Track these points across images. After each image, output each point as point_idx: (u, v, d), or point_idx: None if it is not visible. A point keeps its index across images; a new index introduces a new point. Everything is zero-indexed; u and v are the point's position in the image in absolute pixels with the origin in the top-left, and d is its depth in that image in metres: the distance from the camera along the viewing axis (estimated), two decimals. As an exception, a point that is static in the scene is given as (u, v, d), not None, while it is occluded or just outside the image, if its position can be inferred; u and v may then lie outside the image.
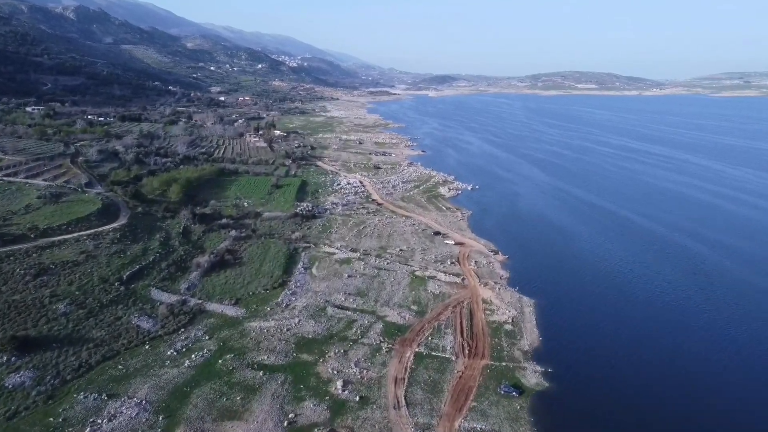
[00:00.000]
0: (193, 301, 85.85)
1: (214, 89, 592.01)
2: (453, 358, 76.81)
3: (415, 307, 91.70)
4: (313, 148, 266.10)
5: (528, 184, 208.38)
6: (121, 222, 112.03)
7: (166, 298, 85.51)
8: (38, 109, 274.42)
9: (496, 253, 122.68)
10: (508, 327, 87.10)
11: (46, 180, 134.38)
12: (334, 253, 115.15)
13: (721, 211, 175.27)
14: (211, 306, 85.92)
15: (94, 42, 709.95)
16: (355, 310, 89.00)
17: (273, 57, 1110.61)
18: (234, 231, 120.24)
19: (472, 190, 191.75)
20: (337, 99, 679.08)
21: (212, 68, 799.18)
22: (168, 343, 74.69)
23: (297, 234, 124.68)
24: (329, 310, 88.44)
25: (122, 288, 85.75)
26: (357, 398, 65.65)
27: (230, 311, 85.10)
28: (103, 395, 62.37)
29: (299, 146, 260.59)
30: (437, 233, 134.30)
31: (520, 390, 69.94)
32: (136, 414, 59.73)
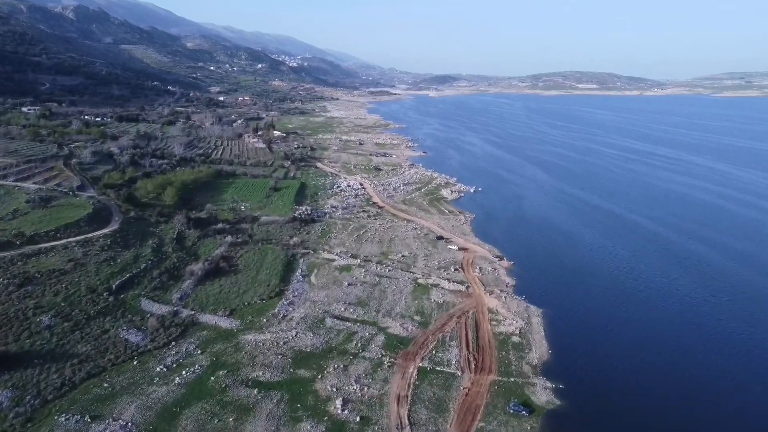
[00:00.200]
0: (185, 312, 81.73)
1: (214, 89, 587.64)
2: (459, 373, 72.87)
3: (418, 318, 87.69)
4: (312, 149, 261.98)
5: (532, 186, 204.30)
6: (112, 227, 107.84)
7: (156, 309, 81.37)
8: (34, 110, 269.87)
9: (501, 258, 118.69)
10: (515, 339, 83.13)
11: (36, 183, 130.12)
12: (333, 260, 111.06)
13: (728, 214, 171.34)
14: (204, 317, 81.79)
15: (94, 42, 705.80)
16: (355, 321, 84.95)
17: (273, 57, 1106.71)
18: (230, 236, 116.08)
19: (474, 192, 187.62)
20: (338, 99, 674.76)
21: (212, 68, 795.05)
22: (157, 358, 70.60)
23: (295, 239, 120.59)
24: (328, 321, 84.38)
25: (111, 298, 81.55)
26: (357, 418, 61.73)
27: (224, 323, 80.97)
28: (86, 417, 58.28)
29: (299, 147, 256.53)
30: (440, 238, 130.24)
31: (530, 409, 66.05)
32: (121, 438, 55.79)
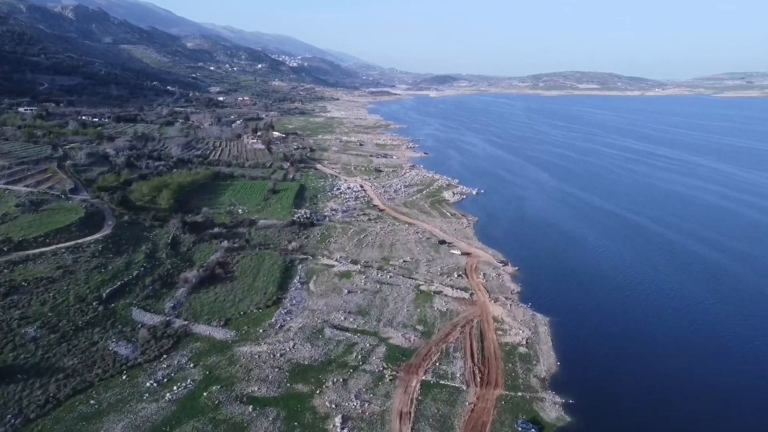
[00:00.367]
0: (178, 323, 78.38)
1: (214, 89, 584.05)
2: (464, 387, 69.62)
3: (420, 327, 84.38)
4: (312, 150, 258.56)
5: (534, 188, 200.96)
6: (104, 232, 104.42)
7: (148, 320, 78.03)
8: (31, 110, 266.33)
9: (505, 264, 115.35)
10: (522, 350, 79.84)
11: (28, 186, 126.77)
12: (333, 266, 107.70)
13: (728, 214, 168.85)
14: (198, 328, 78.43)
15: (93, 41, 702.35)
16: (355, 332, 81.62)
17: (273, 57, 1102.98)
18: (226, 241, 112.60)
19: (477, 194, 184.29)
20: (338, 99, 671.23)
21: (212, 68, 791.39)
22: (148, 373, 67.28)
23: (294, 244, 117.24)
24: (327, 331, 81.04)
25: (100, 308, 78.20)
26: (357, 438, 58.57)
27: (218, 334, 77.62)
28: (70, 438, 55.19)
29: (298, 148, 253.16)
30: (442, 242, 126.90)
31: (539, 426, 62.89)
32: (106, 461, 52.60)
